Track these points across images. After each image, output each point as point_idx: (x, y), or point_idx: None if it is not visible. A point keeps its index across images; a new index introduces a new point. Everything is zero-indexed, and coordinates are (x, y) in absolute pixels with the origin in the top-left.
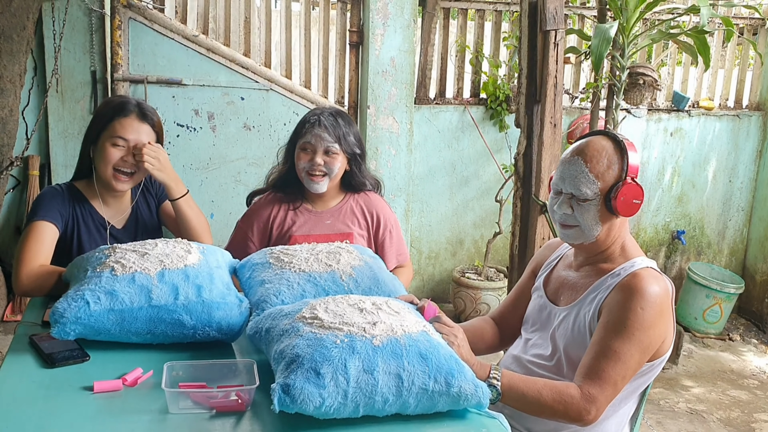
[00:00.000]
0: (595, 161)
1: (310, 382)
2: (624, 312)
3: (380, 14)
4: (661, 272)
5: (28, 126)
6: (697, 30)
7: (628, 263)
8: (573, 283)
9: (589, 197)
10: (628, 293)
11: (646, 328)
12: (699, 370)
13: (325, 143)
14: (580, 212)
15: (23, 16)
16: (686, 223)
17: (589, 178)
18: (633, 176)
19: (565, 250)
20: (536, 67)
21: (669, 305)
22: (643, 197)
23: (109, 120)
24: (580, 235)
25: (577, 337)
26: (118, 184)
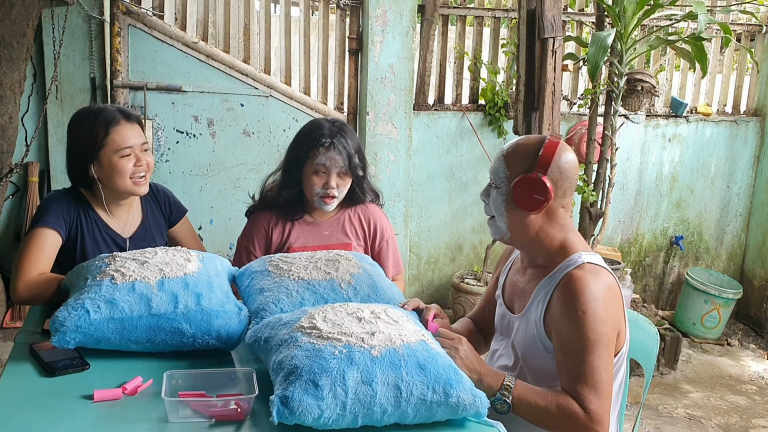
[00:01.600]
0: (512, 152)
1: (309, 393)
2: (570, 322)
3: (379, 21)
4: (601, 264)
5: (27, 133)
6: (694, 36)
7: (565, 262)
8: (522, 288)
9: (498, 185)
10: (566, 300)
11: (596, 328)
12: (697, 375)
13: (338, 167)
14: (492, 201)
15: (23, 23)
16: (684, 229)
17: (502, 166)
18: (541, 172)
19: (518, 253)
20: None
21: (613, 298)
22: (547, 195)
23: (104, 135)
24: (496, 229)
25: (531, 346)
26: (140, 188)
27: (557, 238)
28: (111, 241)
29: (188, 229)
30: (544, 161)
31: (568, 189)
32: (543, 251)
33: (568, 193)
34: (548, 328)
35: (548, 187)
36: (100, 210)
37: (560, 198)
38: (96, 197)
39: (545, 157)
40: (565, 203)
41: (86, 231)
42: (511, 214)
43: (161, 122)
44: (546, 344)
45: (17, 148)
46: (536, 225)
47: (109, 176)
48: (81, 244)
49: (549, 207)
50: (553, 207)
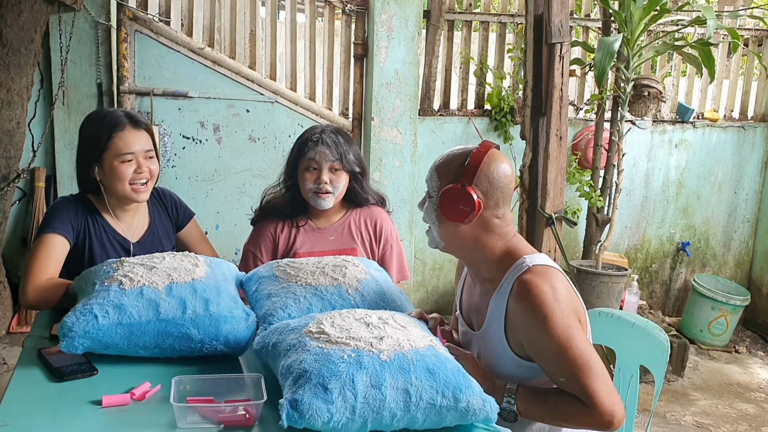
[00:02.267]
0: (442, 162)
1: (318, 397)
2: (538, 332)
3: (385, 27)
4: (547, 264)
5: (34, 138)
6: (702, 42)
7: (510, 271)
8: (476, 304)
9: (431, 194)
10: (523, 310)
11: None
12: (705, 382)
13: (329, 161)
14: (426, 210)
15: (31, 30)
16: (691, 235)
17: (434, 176)
18: (467, 182)
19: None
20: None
21: (566, 291)
22: (473, 206)
23: (108, 139)
24: (431, 238)
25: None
26: (139, 195)
27: (497, 246)
28: (118, 246)
29: (197, 232)
30: (469, 171)
31: (501, 199)
32: (484, 260)
33: (502, 203)
34: (512, 341)
35: (473, 198)
36: (107, 215)
37: (493, 209)
38: (102, 202)
39: (471, 167)
40: (499, 213)
41: (94, 236)
42: (442, 225)
43: (167, 128)
44: (513, 357)
45: (24, 153)
46: (471, 236)
47: (110, 180)
48: (89, 249)
49: (482, 218)
50: (486, 217)
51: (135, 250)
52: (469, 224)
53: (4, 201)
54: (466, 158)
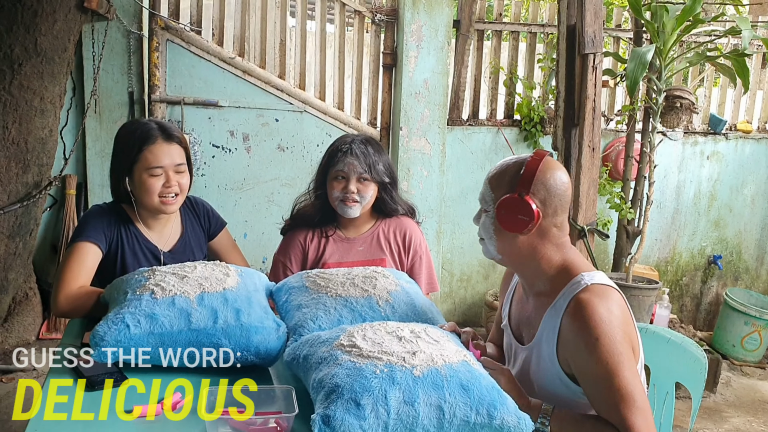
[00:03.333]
0: (495, 174)
1: (351, 413)
2: (588, 352)
3: (414, 37)
4: (605, 283)
5: (66, 146)
6: (736, 52)
7: (567, 288)
8: (527, 317)
9: (486, 208)
10: (578, 329)
11: (614, 348)
12: (738, 399)
13: (357, 171)
14: (482, 224)
15: (65, 39)
16: (723, 248)
17: (487, 189)
18: (524, 192)
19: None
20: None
21: (621, 315)
22: (532, 215)
23: (138, 151)
24: (486, 250)
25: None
26: (167, 207)
27: (554, 259)
28: (150, 255)
29: (229, 241)
30: (525, 180)
31: (559, 207)
32: (541, 274)
33: (560, 211)
34: (562, 359)
35: (532, 207)
36: (140, 224)
37: (551, 217)
38: (135, 212)
39: (527, 176)
40: (557, 222)
41: (126, 245)
42: (500, 237)
43: (198, 137)
44: (561, 376)
45: (56, 161)
46: (528, 246)
47: (139, 192)
48: (121, 257)
49: (540, 227)
50: (545, 226)
51: (166, 259)
52: (527, 234)
53: (36, 208)
54: (521, 167)
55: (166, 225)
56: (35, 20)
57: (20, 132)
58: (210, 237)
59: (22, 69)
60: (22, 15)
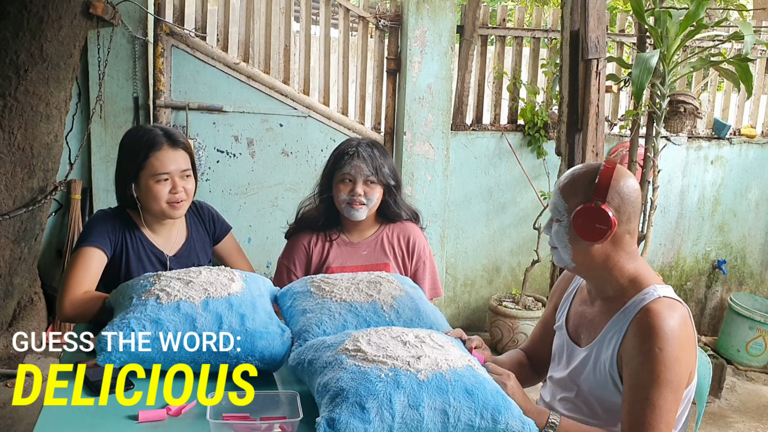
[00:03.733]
0: (567, 184)
1: (355, 416)
2: (644, 357)
3: (418, 42)
4: (675, 298)
5: (71, 151)
6: (739, 57)
7: (639, 296)
8: (590, 320)
9: (558, 218)
10: (643, 335)
11: (671, 366)
12: (743, 404)
13: (364, 174)
14: (554, 234)
15: (70, 45)
16: (727, 253)
17: (560, 199)
18: (600, 200)
19: (580, 281)
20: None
21: (688, 334)
22: (610, 223)
23: (144, 158)
24: (560, 259)
25: (600, 381)
26: (175, 212)
27: (626, 267)
28: (155, 259)
29: (234, 246)
30: (601, 189)
31: (632, 214)
32: (612, 282)
33: (633, 219)
34: (620, 362)
35: (609, 215)
36: (145, 229)
37: (625, 224)
38: (140, 216)
39: (602, 185)
40: (630, 229)
41: (131, 250)
42: (575, 246)
43: (202, 142)
44: (616, 380)
45: (61, 166)
46: (603, 254)
47: (146, 199)
48: (126, 262)
49: (614, 234)
50: (619, 234)
51: (171, 264)
52: (602, 243)
53: (41, 213)
54: (595, 176)
55: (172, 230)
56: (41, 26)
57: (26, 137)
58: (215, 241)
59: (27, 75)
60: (27, 21)
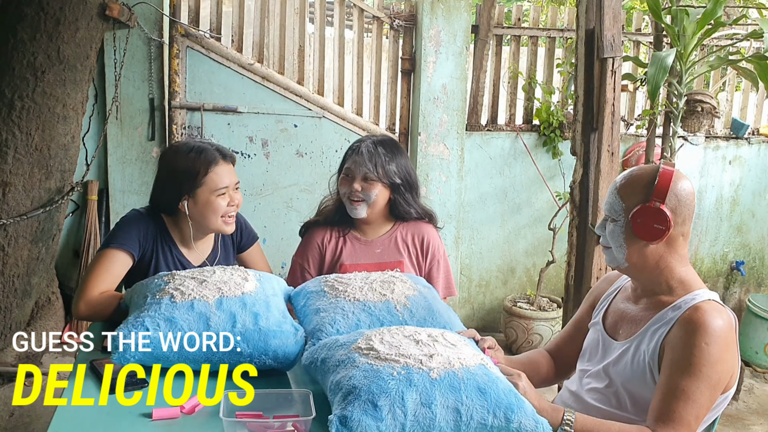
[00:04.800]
0: (625, 184)
1: (368, 414)
2: (689, 349)
3: (432, 42)
4: (723, 305)
5: (88, 152)
6: (758, 55)
7: (689, 296)
8: (632, 316)
9: (614, 217)
10: (691, 329)
11: (713, 363)
12: (761, 406)
13: (362, 170)
14: (609, 233)
15: (87, 46)
16: (746, 254)
17: (617, 199)
18: (659, 201)
19: (624, 282)
20: (593, 95)
21: (733, 338)
22: (667, 224)
23: (204, 174)
24: (613, 258)
25: (637, 373)
26: (228, 227)
27: (677, 270)
28: (182, 268)
29: (258, 256)
30: (660, 190)
31: (687, 216)
32: (662, 282)
33: (687, 221)
34: (662, 353)
35: (668, 216)
36: (177, 239)
37: (680, 226)
38: (176, 227)
39: (662, 186)
40: (684, 231)
41: (161, 256)
42: (631, 246)
43: (217, 143)
44: (654, 371)
45: (78, 166)
46: (657, 255)
47: (202, 213)
48: (155, 268)
49: (669, 236)
50: (674, 235)
51: None
52: (658, 243)
53: (59, 213)
54: (655, 177)
55: (206, 241)
56: (58, 28)
57: (43, 138)
58: (240, 250)
59: (45, 76)
60: (45, 23)
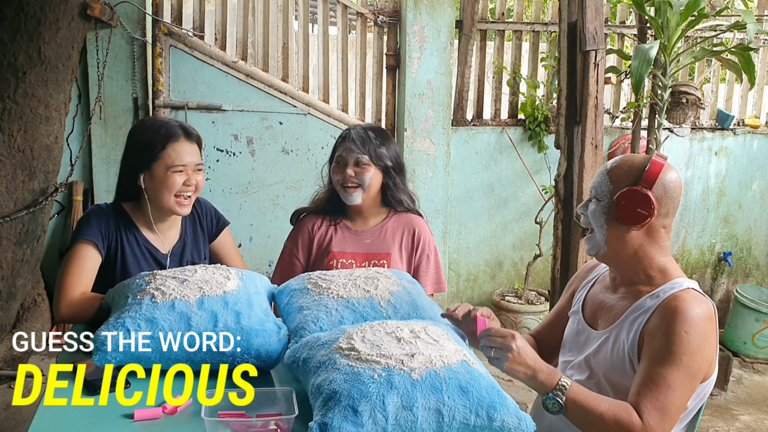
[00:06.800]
0: (616, 167)
1: (348, 420)
2: (668, 337)
3: (417, 37)
4: (703, 293)
5: (72, 152)
6: (741, 47)
7: (668, 284)
8: (611, 305)
9: (599, 197)
10: (670, 317)
11: (693, 352)
12: (749, 396)
13: (354, 155)
14: (591, 212)
15: (69, 46)
16: (733, 245)
17: (605, 180)
18: (647, 186)
19: (602, 270)
20: (576, 88)
21: (713, 327)
22: (651, 210)
23: (161, 148)
24: (593, 244)
25: (617, 363)
26: (182, 209)
27: (656, 260)
28: (150, 257)
29: (229, 243)
30: (650, 177)
31: (672, 209)
32: (641, 272)
33: (671, 214)
34: (641, 343)
35: (653, 202)
36: (141, 225)
37: (663, 217)
38: (139, 211)
39: (651, 173)
40: (667, 224)
41: (127, 247)
42: (611, 228)
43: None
44: (634, 360)
45: (62, 167)
46: (635, 242)
47: (157, 190)
48: (122, 260)
49: (650, 225)
50: (655, 226)
51: (166, 261)
52: (638, 230)
53: (43, 215)
54: (646, 164)
55: (171, 227)
56: (38, 29)
57: (26, 139)
58: (212, 237)
59: (26, 77)
60: (25, 23)
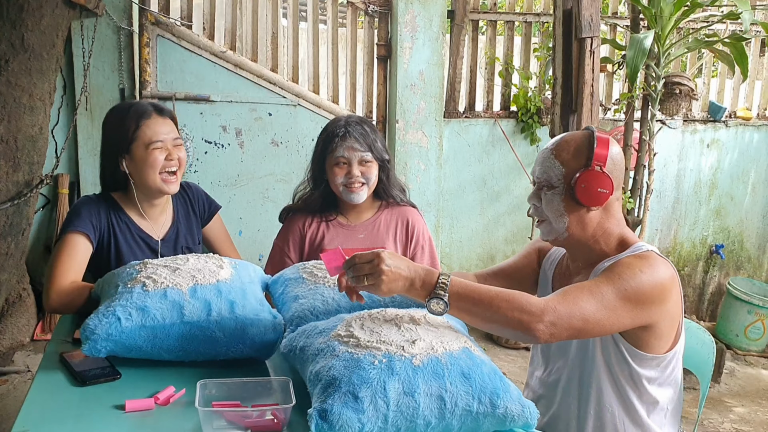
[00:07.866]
0: (562, 148)
1: (348, 406)
2: (621, 267)
3: (408, 27)
4: (665, 258)
5: (57, 144)
6: (734, 37)
7: (628, 250)
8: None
9: (554, 183)
10: (629, 259)
11: (638, 286)
12: (742, 389)
13: (359, 154)
14: (546, 203)
15: (53, 34)
16: (725, 237)
17: (555, 164)
18: (600, 165)
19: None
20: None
21: (676, 287)
22: (611, 188)
23: (135, 128)
24: (551, 230)
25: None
26: (170, 186)
27: (614, 234)
28: (144, 244)
29: (221, 228)
30: (600, 154)
31: (620, 180)
32: (599, 249)
33: (621, 184)
34: None
35: (611, 180)
36: (132, 213)
37: (616, 190)
38: (128, 199)
39: (601, 150)
40: (618, 195)
41: (119, 235)
42: (572, 213)
43: (189, 132)
44: None
45: (47, 159)
46: (595, 221)
47: (141, 170)
48: (115, 248)
49: (608, 200)
50: (611, 200)
51: (160, 247)
52: (597, 209)
53: (28, 207)
54: (593, 141)
55: (162, 212)
56: (21, 15)
57: (9, 130)
58: (204, 222)
59: (9, 65)
60: (7, 10)
